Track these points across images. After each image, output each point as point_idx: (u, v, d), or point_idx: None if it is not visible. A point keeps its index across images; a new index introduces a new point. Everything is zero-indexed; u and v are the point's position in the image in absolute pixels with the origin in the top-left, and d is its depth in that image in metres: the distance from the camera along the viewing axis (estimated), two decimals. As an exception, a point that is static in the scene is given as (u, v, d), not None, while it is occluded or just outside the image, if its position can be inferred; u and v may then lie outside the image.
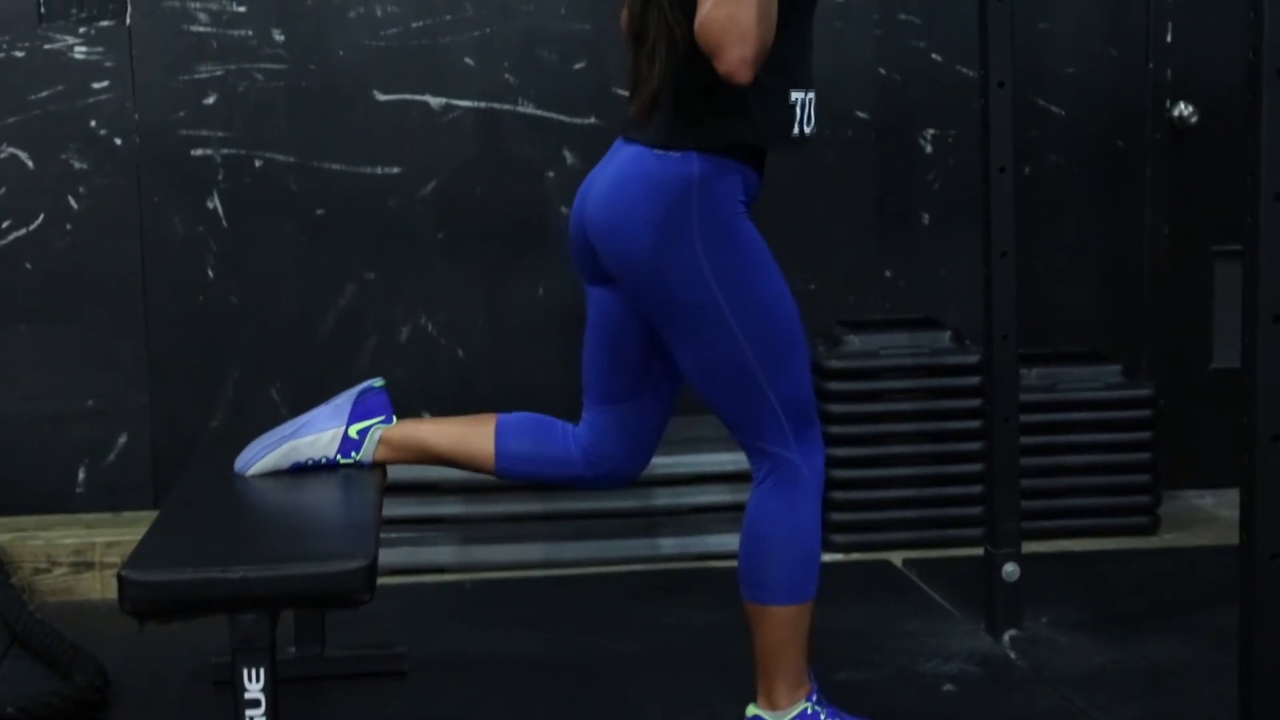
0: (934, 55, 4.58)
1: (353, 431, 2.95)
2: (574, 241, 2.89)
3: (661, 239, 2.70)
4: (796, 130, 2.76)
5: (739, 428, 2.82)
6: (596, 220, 2.77)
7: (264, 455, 2.93)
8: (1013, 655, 3.52)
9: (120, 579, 2.36)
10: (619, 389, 2.93)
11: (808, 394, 2.82)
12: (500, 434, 2.98)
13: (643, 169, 2.72)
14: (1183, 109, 4.67)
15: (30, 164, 4.32)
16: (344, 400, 2.98)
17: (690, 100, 2.69)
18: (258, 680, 2.40)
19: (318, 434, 2.94)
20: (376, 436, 2.96)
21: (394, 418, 2.98)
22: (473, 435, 2.99)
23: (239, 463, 2.94)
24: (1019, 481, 3.58)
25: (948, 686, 3.36)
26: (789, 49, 2.68)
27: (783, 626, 2.84)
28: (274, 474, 2.92)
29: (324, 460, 2.94)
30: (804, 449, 2.81)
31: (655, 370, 2.92)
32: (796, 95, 2.75)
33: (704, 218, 2.70)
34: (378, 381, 3.02)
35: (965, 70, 4.54)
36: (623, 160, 2.77)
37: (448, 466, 3.04)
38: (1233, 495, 4.53)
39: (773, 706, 2.88)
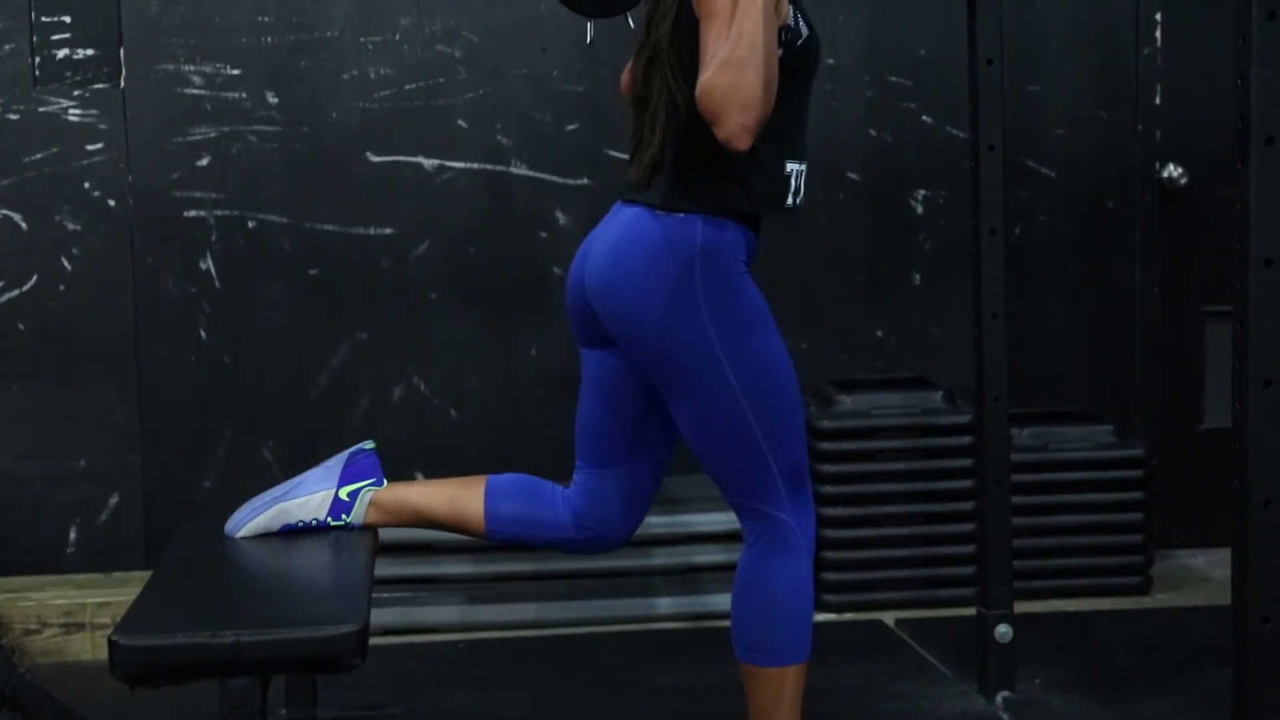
0: (925, 117, 4.61)
1: (343, 494, 2.94)
2: (572, 303, 2.90)
3: (665, 300, 2.70)
4: (790, 201, 2.79)
5: (734, 488, 2.82)
6: (597, 282, 2.78)
7: (254, 517, 2.92)
8: (1005, 717, 3.52)
9: (111, 644, 2.35)
10: (614, 452, 2.93)
11: (803, 456, 2.82)
12: (490, 496, 2.98)
13: (644, 230, 2.74)
14: (1172, 171, 4.70)
15: (24, 225, 4.33)
16: (334, 463, 2.98)
17: (691, 164, 2.71)
18: (249, 746, 2.39)
19: (308, 496, 2.94)
20: (367, 499, 2.95)
21: (384, 480, 2.98)
22: (463, 498, 2.98)
23: (229, 525, 2.93)
24: (1011, 542, 3.58)
25: (941, 749, 3.36)
26: (786, 120, 2.71)
27: (776, 688, 2.83)
28: (265, 536, 2.91)
29: (314, 522, 2.93)
30: (797, 511, 2.81)
31: (650, 433, 2.93)
32: (791, 166, 2.77)
33: (707, 279, 2.71)
34: (368, 444, 3.01)
35: (956, 132, 4.57)
36: (623, 222, 2.78)
37: (438, 530, 3.03)
38: (1225, 555, 4.54)
39: (764, 767, 2.87)
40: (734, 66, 2.51)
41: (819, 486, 4.26)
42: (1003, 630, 3.56)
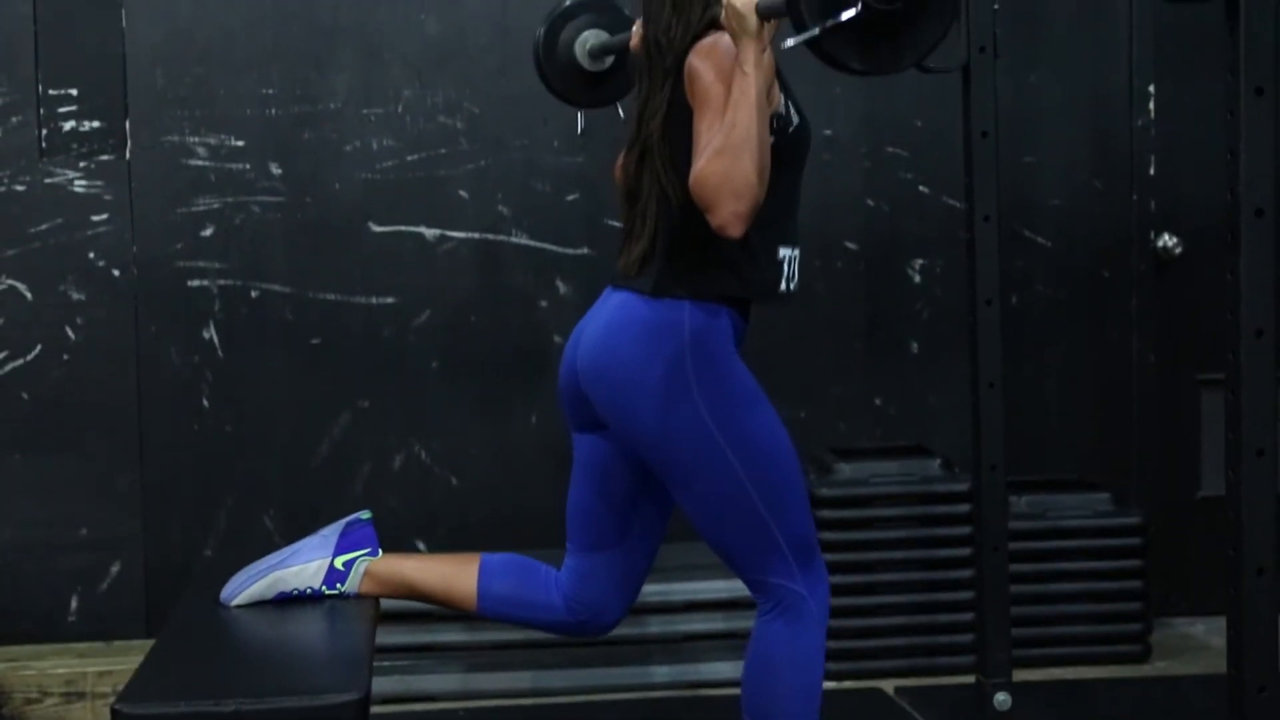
0: (921, 187, 4.65)
1: (338, 563, 2.96)
2: (564, 388, 2.92)
3: (657, 384, 2.73)
4: (783, 287, 2.81)
5: (743, 563, 2.83)
6: (589, 368, 2.81)
7: (249, 585, 2.93)
8: (1005, 786, 3.52)
9: (114, 713, 2.36)
10: (604, 536, 2.95)
11: (809, 527, 2.84)
12: (483, 574, 2.98)
13: (635, 316, 2.76)
14: (1167, 240, 4.73)
15: (29, 295, 4.37)
16: (330, 532, 2.99)
17: (682, 252, 2.74)
18: (251, 815, 2.40)
19: (303, 565, 2.95)
20: (362, 569, 2.96)
21: (380, 550, 2.99)
22: (456, 575, 2.99)
23: (225, 593, 2.94)
24: (1009, 610, 3.59)
25: (940, 818, 3.36)
26: (778, 207, 2.74)
27: None
28: (264, 605, 2.92)
29: (309, 591, 2.94)
30: (809, 581, 2.82)
31: (641, 517, 2.95)
32: (784, 252, 2.80)
33: (698, 362, 2.73)
34: (365, 514, 3.03)
35: (952, 201, 4.60)
36: (613, 307, 2.81)
37: (430, 604, 3.04)
38: (1224, 623, 4.57)
39: (770, 837, 2.87)
40: (727, 155, 2.55)
41: (818, 554, 4.27)
42: (1001, 698, 3.57)
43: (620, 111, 3.34)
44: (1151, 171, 4.73)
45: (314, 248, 4.47)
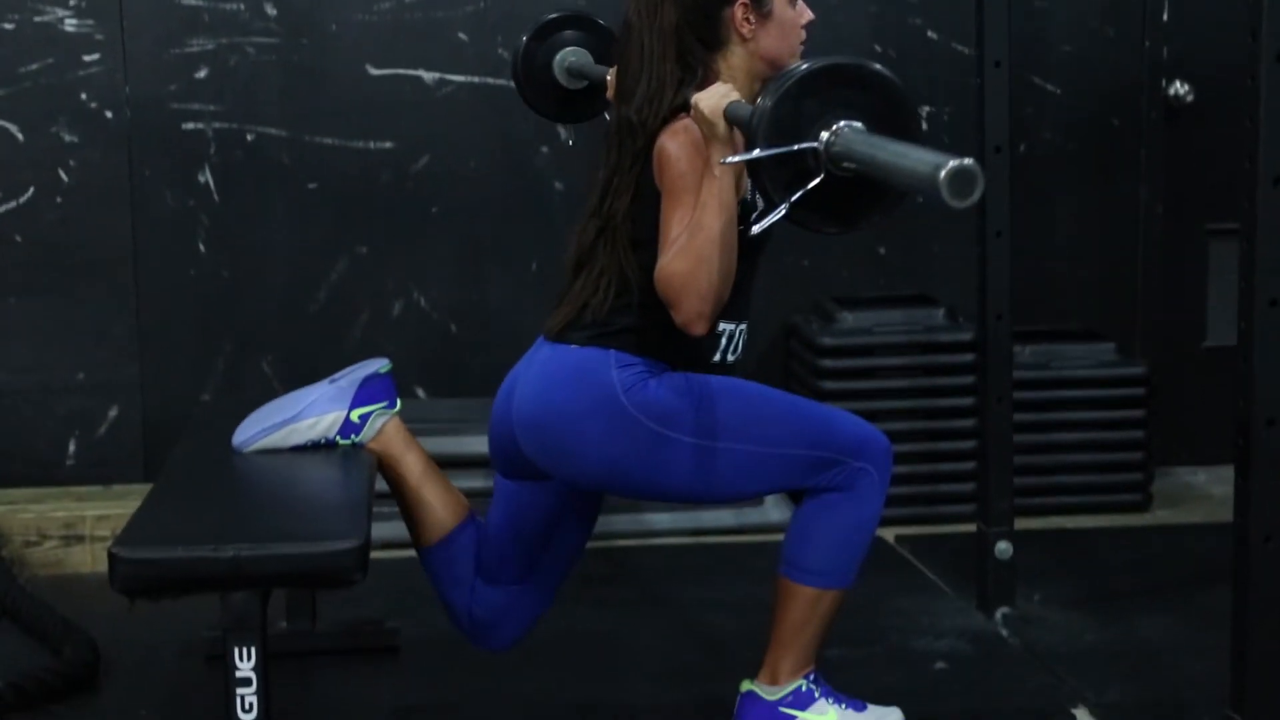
0: (930, 33, 4.57)
1: (354, 416, 2.93)
2: (496, 441, 2.89)
3: (597, 426, 2.70)
4: (718, 357, 2.79)
5: (796, 488, 2.80)
6: (527, 423, 2.77)
7: (263, 437, 2.91)
8: (1005, 633, 3.53)
9: (111, 556, 2.35)
10: (507, 571, 2.95)
11: (826, 421, 2.79)
12: (462, 527, 2.96)
13: (564, 362, 2.74)
14: (1178, 87, 4.66)
15: (20, 136, 4.30)
16: (348, 384, 2.95)
17: (618, 315, 2.72)
18: (249, 659, 2.40)
19: (319, 417, 2.92)
20: (379, 424, 2.94)
21: (398, 402, 2.97)
22: (440, 507, 2.96)
23: (237, 438, 2.92)
24: (1012, 461, 3.58)
25: (939, 664, 3.36)
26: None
27: (812, 609, 2.83)
28: (267, 451, 2.90)
29: (324, 441, 2.93)
30: (861, 453, 2.78)
31: (546, 560, 2.95)
32: (725, 327, 2.77)
33: (628, 391, 2.70)
34: (384, 367, 2.98)
35: (961, 48, 4.52)
36: (542, 360, 2.78)
37: (397, 505, 3.00)
38: (1224, 472, 4.56)
39: (772, 681, 2.87)
40: (692, 256, 2.53)
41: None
42: (1003, 547, 3.57)
43: (567, 137, 3.30)
44: (1164, 17, 4.64)
45: (310, 91, 4.39)
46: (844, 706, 2.91)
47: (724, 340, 2.79)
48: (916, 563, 4.03)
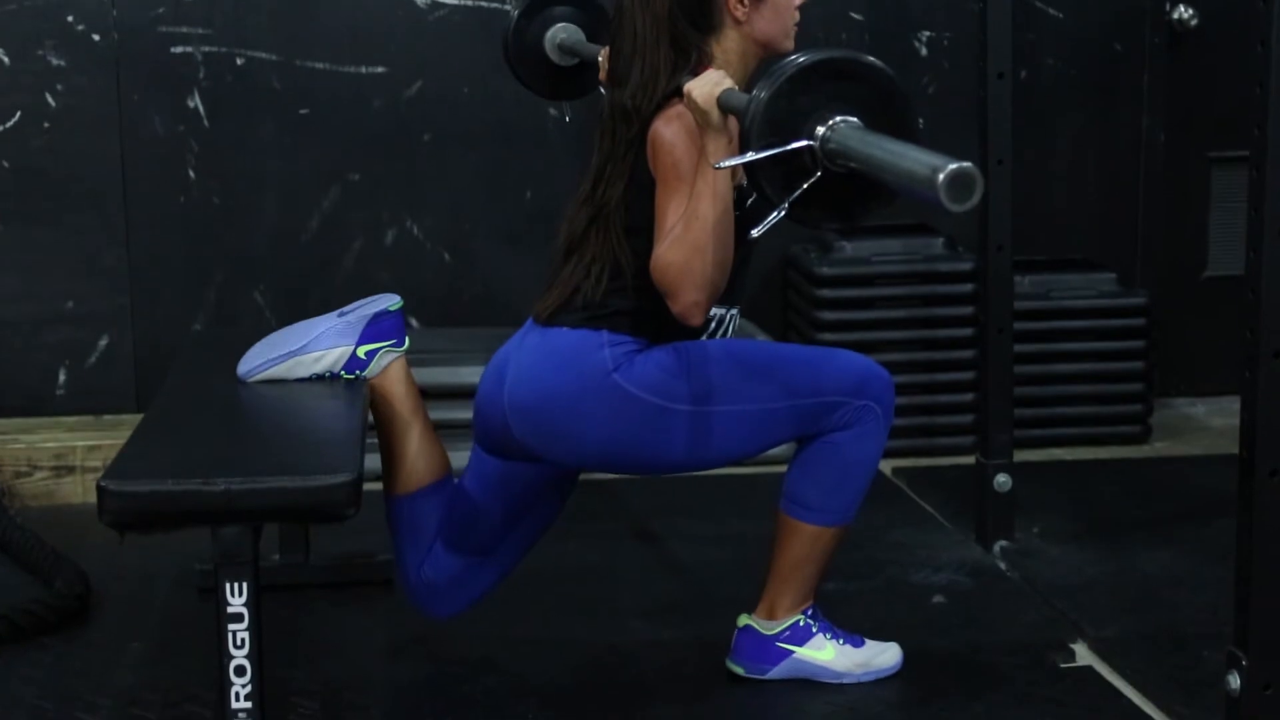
0: (931, -45, 4.50)
1: (361, 352, 2.89)
2: (484, 421, 2.84)
3: (594, 405, 2.67)
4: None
5: (804, 436, 2.78)
6: (521, 408, 2.73)
7: (268, 368, 2.87)
8: (1003, 566, 3.50)
9: (100, 490, 2.32)
10: (470, 543, 2.91)
11: (827, 365, 2.77)
12: (435, 486, 2.91)
13: (553, 347, 2.71)
14: (1182, 11, 4.60)
15: (7, 60, 4.23)
16: (356, 319, 2.90)
17: (608, 299, 2.69)
18: (240, 594, 2.37)
19: (325, 351, 2.88)
20: (386, 360, 2.90)
21: (406, 339, 2.92)
22: (421, 459, 2.90)
23: (242, 368, 2.88)
24: (1012, 394, 3.55)
25: (938, 598, 3.34)
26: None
27: (812, 545, 2.82)
28: (259, 383, 2.86)
29: (328, 375, 2.89)
30: (864, 391, 2.77)
31: (511, 539, 2.92)
32: (717, 312, 2.75)
33: (620, 367, 2.67)
34: (394, 304, 2.93)
35: (962, -28, 4.46)
36: (532, 345, 2.75)
37: (379, 444, 2.93)
38: (1224, 404, 4.56)
39: (770, 616, 2.87)
40: (688, 246, 2.51)
41: (818, 334, 4.21)
42: (1002, 480, 3.54)
43: (563, 114, 3.22)
44: (1169, -60, 4.58)
45: (301, 14, 4.32)
46: (842, 642, 2.89)
47: (714, 324, 2.77)
48: (914, 495, 4.00)
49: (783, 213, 2.34)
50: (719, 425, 2.71)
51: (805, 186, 2.32)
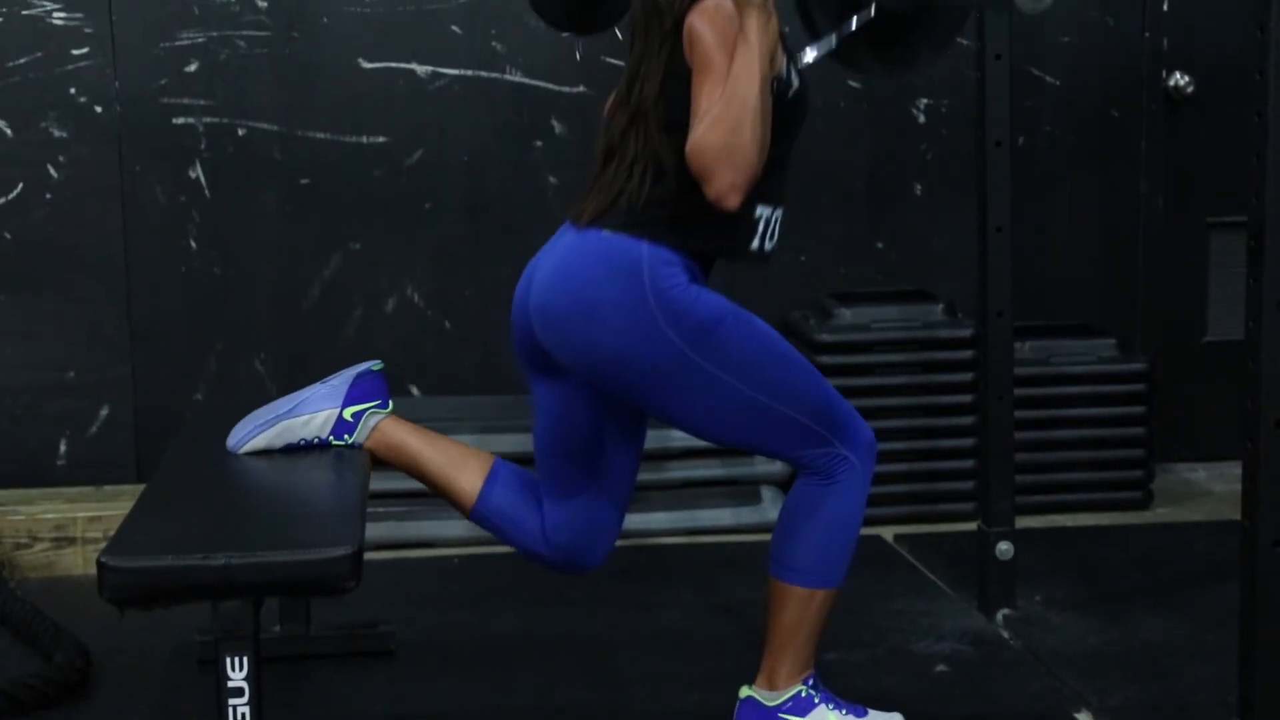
0: (928, 24, 4.52)
1: (347, 414, 2.89)
2: (517, 332, 2.84)
3: (619, 320, 2.65)
4: (756, 245, 2.74)
5: (776, 450, 2.78)
6: (544, 309, 2.72)
7: (257, 434, 2.87)
8: (1006, 635, 3.49)
9: (100, 566, 2.30)
10: (573, 484, 2.89)
11: (828, 395, 2.77)
12: (491, 479, 2.91)
13: (589, 250, 2.68)
14: (1179, 79, 4.62)
15: (9, 132, 4.25)
16: (340, 381, 2.91)
17: (651, 203, 2.66)
18: (241, 669, 2.35)
19: (311, 414, 2.88)
20: (372, 422, 2.90)
21: (390, 402, 2.93)
22: (464, 466, 2.91)
23: (231, 440, 2.88)
24: (1013, 461, 3.54)
25: (940, 667, 3.33)
26: (764, 167, 2.62)
27: (804, 609, 2.81)
28: (259, 454, 2.86)
29: (316, 440, 2.88)
30: (848, 440, 2.77)
31: (608, 460, 2.89)
32: (762, 211, 2.72)
33: (659, 296, 2.64)
34: (376, 365, 2.95)
35: (960, 39, 4.47)
36: (566, 246, 2.73)
37: (424, 485, 2.96)
38: (1226, 469, 4.55)
39: (770, 686, 2.84)
40: (726, 125, 2.50)
41: (818, 400, 4.21)
42: (1004, 547, 3.53)
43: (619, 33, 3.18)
44: (1164, 8, 4.60)
45: (302, 84, 4.35)
46: (844, 712, 2.87)
47: (761, 225, 2.73)
48: (916, 562, 3.99)
49: (833, 45, 2.27)
50: (721, 396, 2.68)
51: (859, 20, 2.23)
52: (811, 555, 2.78)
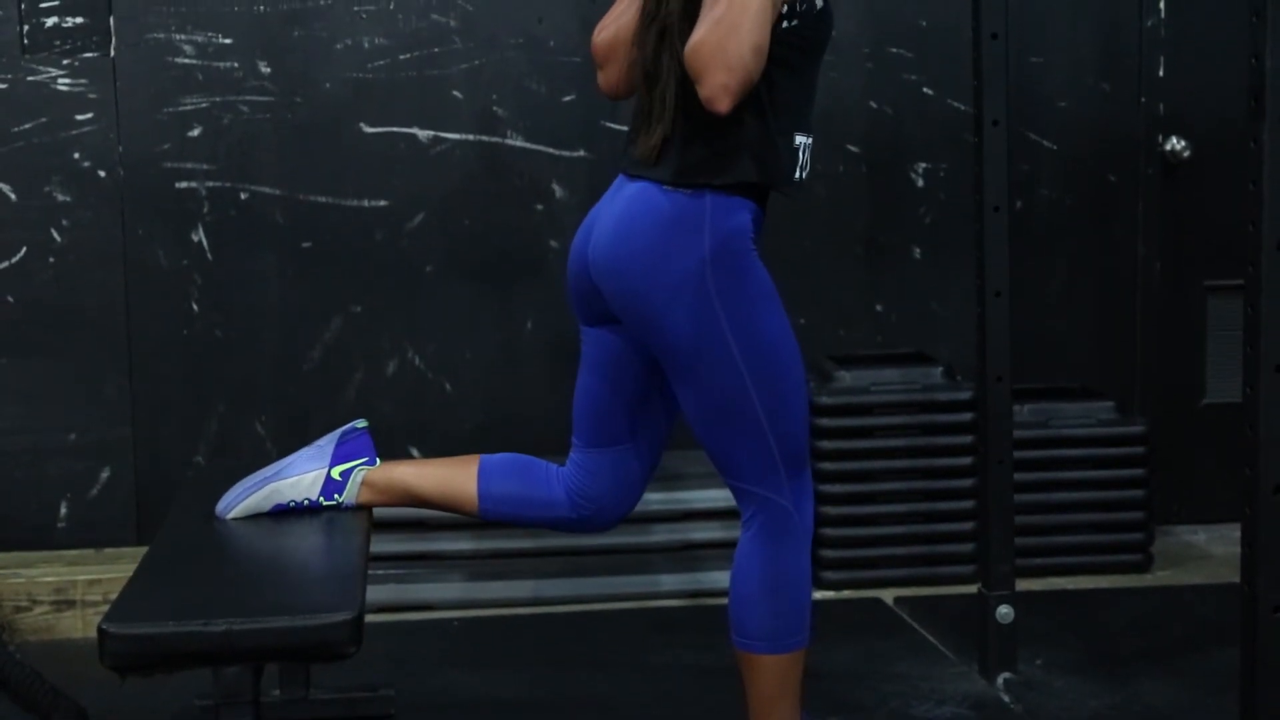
0: (925, 89, 4.55)
1: (335, 473, 2.90)
2: (574, 281, 2.85)
3: (671, 278, 2.66)
4: (798, 175, 2.75)
5: (734, 471, 2.78)
6: (601, 259, 2.73)
7: (245, 498, 2.88)
8: (1007, 699, 3.48)
9: (101, 633, 2.31)
10: (613, 432, 2.90)
11: (804, 438, 2.79)
12: (483, 476, 2.94)
13: (652, 205, 2.69)
14: (1175, 143, 4.65)
15: (13, 196, 4.27)
16: (327, 442, 2.94)
17: (700, 139, 2.66)
18: (242, 734, 2.35)
19: (300, 476, 2.90)
20: (360, 479, 2.91)
21: (377, 459, 2.94)
22: (456, 477, 2.94)
23: (221, 506, 2.89)
24: (1013, 525, 3.54)
25: (941, 731, 3.33)
26: (797, 93, 2.68)
27: (772, 676, 2.80)
28: (257, 518, 2.87)
29: (306, 502, 2.89)
30: (796, 494, 2.78)
31: (650, 413, 2.90)
32: (800, 140, 2.74)
33: (716, 254, 2.66)
34: (361, 423, 2.97)
35: (957, 104, 4.51)
36: (628, 197, 2.73)
37: (430, 509, 2.99)
38: (1225, 531, 4.55)
39: (767, 753, 2.84)
40: (724, 27, 2.49)
41: (817, 464, 4.22)
42: (1004, 611, 3.53)
43: None
44: (1160, 73, 4.63)
45: (304, 149, 4.37)
46: (845, 775, 2.87)
47: (801, 155, 2.74)
48: (916, 625, 3.98)
49: None
50: (724, 375, 2.69)
51: None
52: (773, 622, 2.78)
